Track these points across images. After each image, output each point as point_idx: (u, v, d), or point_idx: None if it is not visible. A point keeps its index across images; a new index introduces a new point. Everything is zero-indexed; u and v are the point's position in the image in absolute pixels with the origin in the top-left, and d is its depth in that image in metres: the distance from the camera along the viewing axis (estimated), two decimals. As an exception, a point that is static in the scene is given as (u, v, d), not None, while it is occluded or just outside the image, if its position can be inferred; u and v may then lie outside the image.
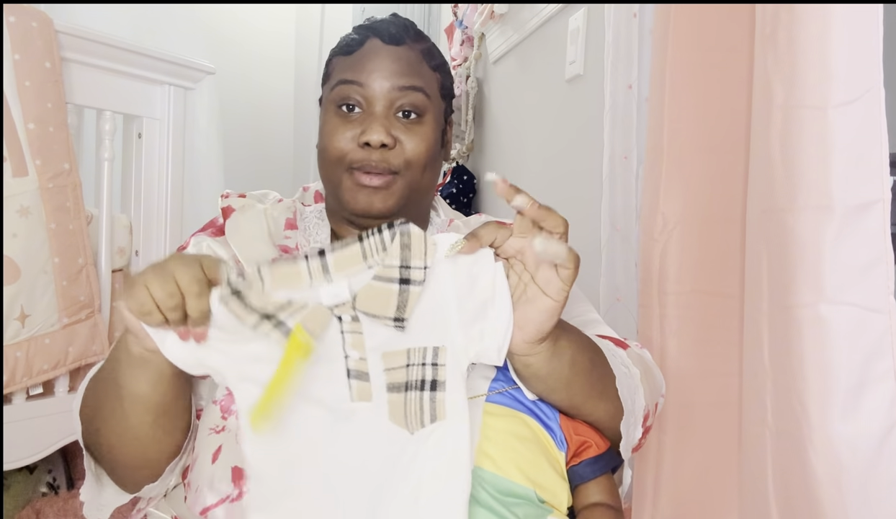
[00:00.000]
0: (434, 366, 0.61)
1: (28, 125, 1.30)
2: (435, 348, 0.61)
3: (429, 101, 0.83)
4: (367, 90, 0.80)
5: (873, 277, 0.69)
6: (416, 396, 0.60)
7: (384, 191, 0.81)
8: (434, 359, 0.61)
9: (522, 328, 0.62)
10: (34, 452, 1.39)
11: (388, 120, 0.80)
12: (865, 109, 0.69)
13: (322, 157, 0.85)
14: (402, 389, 0.60)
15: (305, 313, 0.58)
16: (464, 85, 2.64)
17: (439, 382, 0.60)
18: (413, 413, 0.60)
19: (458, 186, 2.63)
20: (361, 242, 0.59)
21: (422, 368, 0.61)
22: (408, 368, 0.61)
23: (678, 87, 0.94)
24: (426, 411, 0.60)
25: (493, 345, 0.61)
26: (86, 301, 1.41)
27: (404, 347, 0.61)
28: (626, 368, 0.74)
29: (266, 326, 0.58)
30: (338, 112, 0.82)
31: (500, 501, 0.61)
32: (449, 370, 0.61)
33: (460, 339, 0.61)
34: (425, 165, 0.83)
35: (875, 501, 0.69)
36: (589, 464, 0.68)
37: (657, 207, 0.97)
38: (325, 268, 0.59)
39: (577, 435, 0.68)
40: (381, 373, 0.61)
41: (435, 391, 0.60)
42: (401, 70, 0.81)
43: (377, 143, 0.78)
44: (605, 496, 0.67)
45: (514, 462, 0.63)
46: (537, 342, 0.63)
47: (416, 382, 0.60)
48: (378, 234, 0.59)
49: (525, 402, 0.67)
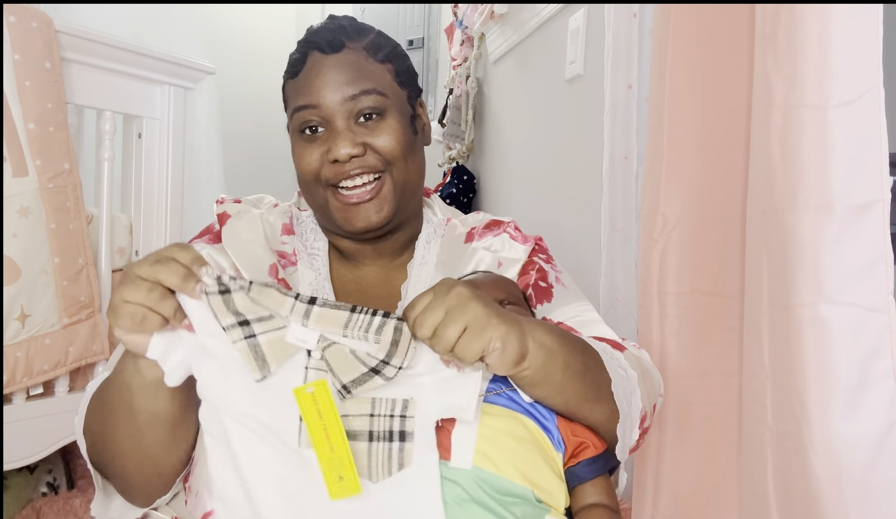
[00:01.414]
0: (402, 418, 0.60)
1: (28, 125, 1.30)
2: (404, 400, 0.60)
3: (385, 97, 0.82)
4: (321, 110, 0.81)
5: (873, 276, 0.70)
6: (383, 446, 0.59)
7: (375, 200, 0.81)
8: (403, 411, 0.60)
9: (492, 365, 0.61)
10: (34, 452, 1.39)
11: (350, 131, 0.81)
12: (865, 109, 0.69)
13: (302, 182, 0.86)
14: (366, 439, 0.59)
15: (279, 335, 0.58)
16: (464, 85, 2.63)
17: (407, 433, 0.60)
18: (380, 463, 0.59)
19: (457, 186, 2.63)
20: (351, 313, 0.60)
21: (389, 419, 0.60)
22: (371, 418, 0.60)
23: (678, 87, 0.94)
24: (394, 461, 0.59)
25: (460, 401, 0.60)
26: (86, 301, 1.41)
27: (368, 396, 0.60)
28: (623, 371, 0.73)
29: (236, 333, 0.58)
30: (302, 136, 0.83)
31: (497, 500, 0.61)
32: (417, 422, 0.60)
33: (428, 392, 0.60)
34: (404, 157, 0.83)
35: (875, 500, 0.69)
36: (586, 465, 0.68)
37: (657, 207, 0.97)
38: (307, 314, 0.59)
39: (575, 436, 0.68)
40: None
41: (403, 442, 0.59)
42: (347, 78, 0.81)
43: (345, 158, 0.79)
44: (603, 497, 0.67)
45: (512, 462, 0.63)
46: (514, 365, 0.62)
47: (383, 433, 0.59)
48: (371, 316, 0.59)
49: (522, 403, 0.67)
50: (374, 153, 0.81)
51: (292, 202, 0.97)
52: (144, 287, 0.56)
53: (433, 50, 3.55)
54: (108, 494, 0.74)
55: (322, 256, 0.90)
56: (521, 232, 0.94)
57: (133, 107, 1.60)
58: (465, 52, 2.69)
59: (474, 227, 0.94)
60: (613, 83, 1.40)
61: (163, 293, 0.57)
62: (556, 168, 1.87)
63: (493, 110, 2.54)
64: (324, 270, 0.88)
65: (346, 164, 0.80)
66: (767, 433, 0.78)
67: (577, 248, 1.67)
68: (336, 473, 0.57)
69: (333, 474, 0.57)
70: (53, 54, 1.35)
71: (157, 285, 0.57)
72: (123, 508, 0.74)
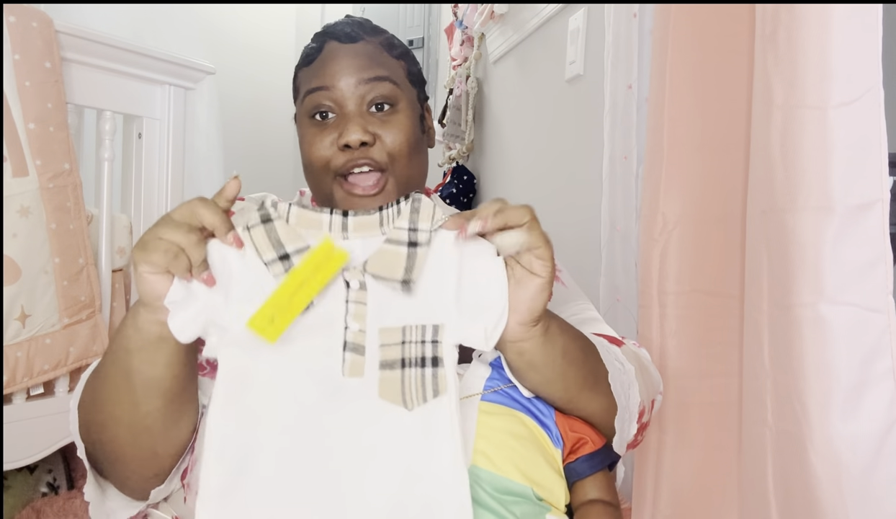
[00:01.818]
0: (434, 343, 0.61)
1: (28, 125, 1.30)
2: (435, 326, 0.61)
3: (398, 88, 0.82)
4: (334, 92, 0.80)
5: (873, 277, 0.70)
6: (416, 372, 0.60)
7: (381, 195, 0.81)
8: (434, 336, 0.61)
9: (515, 310, 0.62)
10: (34, 452, 1.39)
11: (362, 118, 0.80)
12: (865, 109, 0.69)
13: (308, 170, 0.85)
14: (398, 367, 0.60)
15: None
16: (464, 85, 2.64)
17: (439, 358, 0.60)
18: (414, 389, 0.60)
19: (457, 186, 2.63)
20: (380, 212, 0.62)
21: (421, 345, 0.61)
22: (403, 346, 0.61)
23: (678, 87, 0.94)
24: (428, 387, 0.60)
25: (481, 328, 0.61)
26: (86, 301, 1.41)
27: (400, 324, 0.61)
28: (619, 364, 0.74)
29: (278, 267, 0.59)
30: (312, 122, 0.82)
31: (497, 499, 0.61)
32: (446, 347, 0.61)
33: (454, 318, 0.61)
34: (409, 155, 0.82)
35: (875, 500, 0.69)
36: (585, 460, 0.68)
37: (657, 207, 0.97)
38: (345, 226, 0.62)
39: (573, 432, 0.68)
40: (377, 349, 0.60)
41: (436, 367, 0.60)
42: (363, 64, 0.81)
43: (356, 143, 0.78)
44: (602, 492, 0.67)
45: (512, 460, 0.63)
46: (531, 324, 0.62)
47: (415, 359, 0.60)
48: (395, 205, 0.62)
49: (521, 399, 0.67)
50: (382, 147, 0.80)
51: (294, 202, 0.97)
52: (184, 227, 0.57)
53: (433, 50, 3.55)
54: (103, 491, 0.73)
55: None
56: None
57: (133, 107, 1.60)
58: (465, 52, 2.69)
59: None
60: (613, 83, 1.40)
61: (199, 238, 0.58)
62: (556, 168, 1.87)
63: (493, 110, 2.54)
64: None
65: (355, 152, 0.79)
66: (767, 433, 0.78)
67: (577, 248, 1.67)
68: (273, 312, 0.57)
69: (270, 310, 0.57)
70: (53, 54, 1.35)
71: (195, 229, 0.58)
72: (118, 503, 0.73)
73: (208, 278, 0.58)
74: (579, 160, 1.71)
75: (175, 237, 0.57)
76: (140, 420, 0.65)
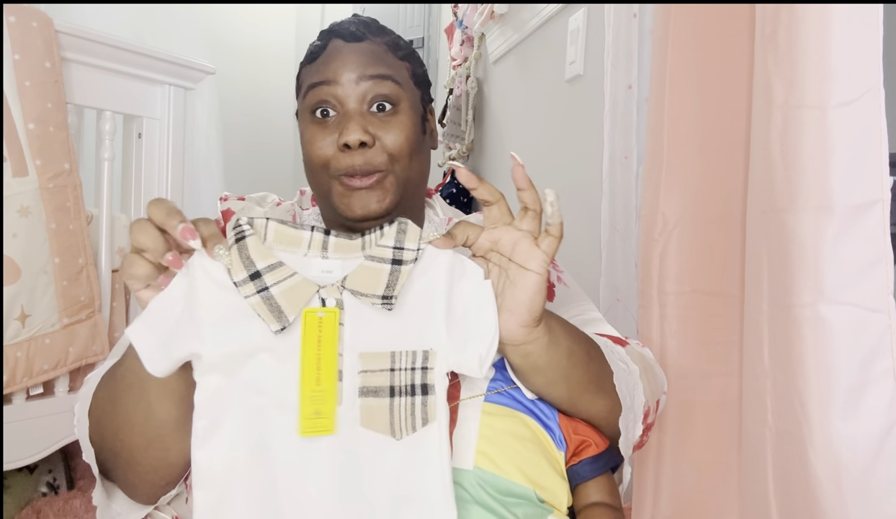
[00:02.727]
0: (424, 370, 0.59)
1: (28, 125, 1.30)
2: (425, 352, 0.59)
3: (401, 89, 0.82)
4: (336, 87, 0.80)
5: (873, 277, 0.70)
6: (406, 401, 0.58)
7: (378, 189, 0.80)
8: (424, 362, 0.59)
9: (514, 312, 0.61)
10: (34, 452, 1.39)
11: (363, 117, 0.79)
12: (865, 109, 0.69)
13: (308, 168, 0.84)
14: (385, 395, 0.58)
15: (291, 283, 0.57)
16: (464, 85, 2.64)
17: (429, 385, 0.59)
18: (403, 419, 0.58)
19: (457, 186, 2.63)
20: (363, 237, 0.60)
21: (411, 372, 0.59)
22: (392, 373, 0.59)
23: (678, 87, 0.94)
24: (418, 415, 0.58)
25: (475, 354, 0.60)
26: (86, 301, 1.41)
27: (387, 349, 0.59)
28: (624, 365, 0.73)
29: (249, 288, 0.56)
30: (313, 119, 0.82)
31: (499, 501, 0.61)
32: (437, 374, 0.59)
33: (445, 344, 0.60)
34: (410, 156, 0.82)
35: (875, 501, 0.69)
36: (588, 463, 0.68)
37: (657, 207, 0.97)
38: (325, 245, 0.59)
39: (577, 434, 0.68)
40: (356, 374, 0.58)
41: (427, 395, 0.59)
42: (366, 61, 0.80)
43: (356, 143, 0.77)
44: (605, 495, 0.67)
45: (514, 462, 0.63)
46: (532, 325, 0.62)
47: (405, 388, 0.58)
48: (380, 229, 0.60)
49: (524, 401, 0.67)
50: (382, 148, 0.80)
51: (295, 201, 0.97)
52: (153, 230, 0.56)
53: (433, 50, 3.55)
54: (109, 493, 0.73)
55: None
56: None
57: (133, 107, 1.60)
58: (465, 52, 2.69)
59: None
60: (613, 83, 1.40)
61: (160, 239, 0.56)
62: (556, 168, 1.87)
63: (493, 110, 2.54)
64: None
65: (355, 155, 0.79)
66: (767, 433, 0.78)
67: (577, 248, 1.67)
68: (314, 408, 0.56)
69: (311, 409, 0.56)
70: (53, 54, 1.35)
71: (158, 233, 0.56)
72: (125, 506, 0.72)
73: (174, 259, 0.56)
74: (579, 160, 1.71)
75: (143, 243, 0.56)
76: (154, 428, 0.65)
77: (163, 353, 0.57)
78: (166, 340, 0.57)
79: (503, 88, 2.41)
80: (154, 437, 0.65)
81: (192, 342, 0.57)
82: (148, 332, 0.57)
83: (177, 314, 0.57)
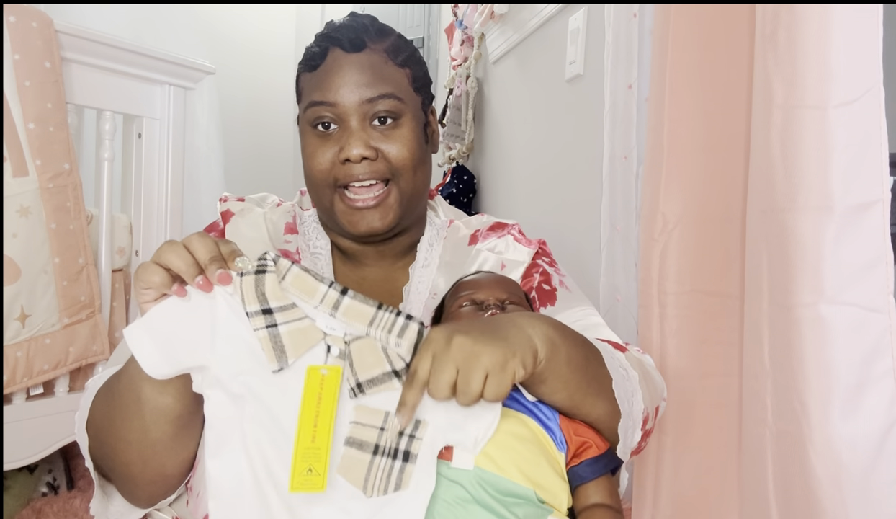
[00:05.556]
0: (411, 438, 0.59)
1: (28, 125, 1.30)
2: (416, 421, 0.59)
3: (402, 103, 0.82)
4: (338, 108, 0.80)
5: (873, 276, 0.69)
6: (385, 462, 0.58)
7: (381, 207, 0.80)
8: (413, 431, 0.59)
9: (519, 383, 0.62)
10: (34, 452, 1.39)
11: (364, 132, 0.79)
12: (865, 109, 0.69)
13: (309, 179, 0.84)
14: (369, 450, 0.58)
15: (300, 325, 0.58)
16: (464, 85, 2.64)
17: (412, 454, 0.59)
18: (377, 478, 0.58)
19: (457, 186, 2.63)
20: (377, 310, 0.60)
21: (398, 437, 0.59)
22: (381, 432, 0.59)
23: (678, 87, 0.94)
24: (392, 480, 0.58)
25: (471, 435, 0.60)
26: (86, 301, 1.41)
27: (384, 408, 0.59)
28: (623, 371, 0.73)
29: (259, 321, 0.57)
30: (314, 132, 0.82)
31: (500, 501, 0.61)
32: (424, 445, 0.59)
33: (442, 419, 0.60)
34: (414, 167, 0.82)
35: (875, 500, 0.69)
36: (589, 464, 0.67)
37: (657, 207, 0.97)
38: (337, 305, 0.60)
39: (577, 436, 0.68)
40: (346, 422, 0.59)
41: (406, 462, 0.59)
42: (367, 80, 0.80)
43: (357, 158, 0.78)
44: (605, 497, 0.67)
45: (515, 462, 0.63)
46: (533, 370, 0.62)
47: (388, 449, 0.59)
48: (395, 315, 0.60)
49: (525, 403, 0.67)
50: (385, 160, 0.80)
51: (295, 202, 0.97)
52: (186, 258, 0.57)
53: (433, 50, 3.55)
54: (107, 495, 0.73)
55: (325, 256, 0.90)
56: (525, 235, 0.94)
57: (133, 107, 1.60)
58: (465, 52, 2.69)
59: (478, 230, 0.94)
60: (613, 83, 1.40)
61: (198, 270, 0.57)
62: (556, 168, 1.87)
63: (493, 110, 2.54)
64: (327, 269, 0.89)
65: (356, 166, 0.79)
66: (767, 433, 0.78)
67: (577, 249, 1.67)
68: (307, 465, 0.56)
69: (304, 465, 0.56)
70: (53, 54, 1.35)
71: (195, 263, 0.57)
72: (123, 508, 0.73)
73: (204, 284, 0.57)
74: (579, 160, 1.71)
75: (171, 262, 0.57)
76: (150, 446, 0.65)
77: (164, 357, 0.57)
78: (167, 345, 0.57)
79: (503, 88, 2.41)
80: (150, 455, 0.66)
81: (203, 353, 0.58)
82: (146, 334, 0.57)
83: (186, 322, 0.58)
